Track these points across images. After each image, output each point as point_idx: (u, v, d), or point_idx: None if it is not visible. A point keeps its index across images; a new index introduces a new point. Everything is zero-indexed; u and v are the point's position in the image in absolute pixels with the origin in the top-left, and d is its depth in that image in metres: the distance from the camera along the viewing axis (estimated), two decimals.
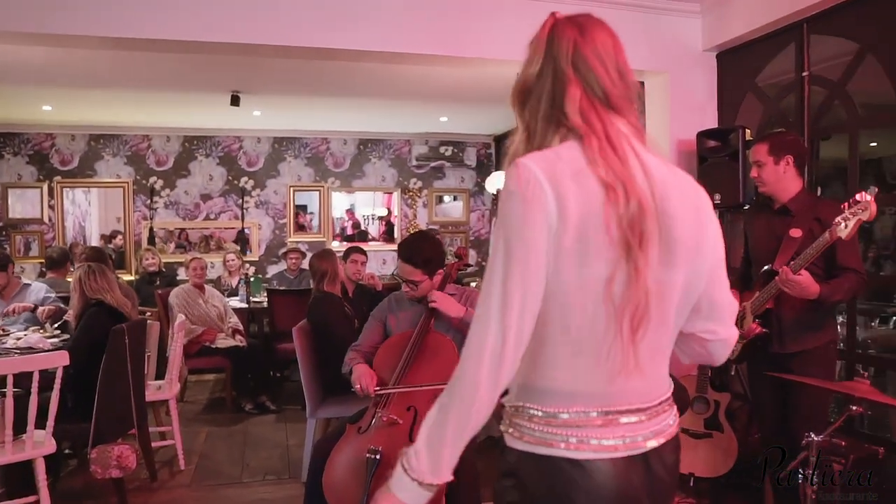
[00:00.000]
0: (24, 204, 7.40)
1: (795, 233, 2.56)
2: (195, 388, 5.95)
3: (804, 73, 3.46)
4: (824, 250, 2.40)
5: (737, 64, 3.96)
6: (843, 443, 2.46)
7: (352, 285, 4.76)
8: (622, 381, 1.11)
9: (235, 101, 5.69)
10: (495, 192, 5.00)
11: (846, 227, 2.28)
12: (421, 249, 2.82)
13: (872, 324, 4.43)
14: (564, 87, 1.15)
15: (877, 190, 2.25)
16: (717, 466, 3.19)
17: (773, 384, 2.64)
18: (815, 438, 1.96)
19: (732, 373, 3.30)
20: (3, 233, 7.34)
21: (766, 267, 2.65)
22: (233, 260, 6.79)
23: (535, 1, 3.72)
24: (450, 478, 1.09)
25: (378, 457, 2.41)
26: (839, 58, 3.29)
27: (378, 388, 2.65)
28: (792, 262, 2.48)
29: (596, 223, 1.06)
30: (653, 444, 1.15)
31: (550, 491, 1.11)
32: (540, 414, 1.12)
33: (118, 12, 3.33)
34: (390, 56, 3.84)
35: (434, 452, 1.08)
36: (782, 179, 2.65)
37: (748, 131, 3.67)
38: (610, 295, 1.07)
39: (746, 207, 3.54)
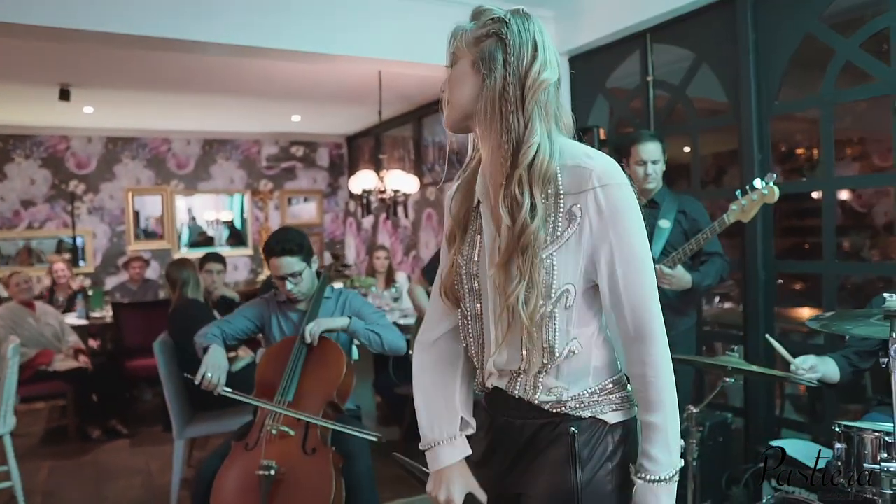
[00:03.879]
0: None
1: (664, 223, 2.79)
2: (25, 418, 5.27)
3: (648, 78, 3.78)
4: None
5: (588, 68, 4.24)
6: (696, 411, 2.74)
7: (213, 296, 4.48)
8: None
9: (65, 95, 5.11)
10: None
11: (746, 210, 2.50)
12: (291, 237, 2.74)
13: (715, 301, 4.96)
14: None
15: (776, 176, 2.51)
16: None
17: None
18: (695, 410, 2.15)
19: None
20: None
21: None
22: (61, 271, 6.10)
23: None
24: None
25: (273, 472, 2.30)
26: (679, 63, 3.63)
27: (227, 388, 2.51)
28: (674, 254, 2.67)
29: None
30: None
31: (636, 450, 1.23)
32: (623, 383, 1.26)
33: None
34: (236, 50, 3.58)
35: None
36: (661, 176, 2.90)
37: (602, 130, 3.95)
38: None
39: None
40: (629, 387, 1.25)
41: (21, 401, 4.86)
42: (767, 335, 2.35)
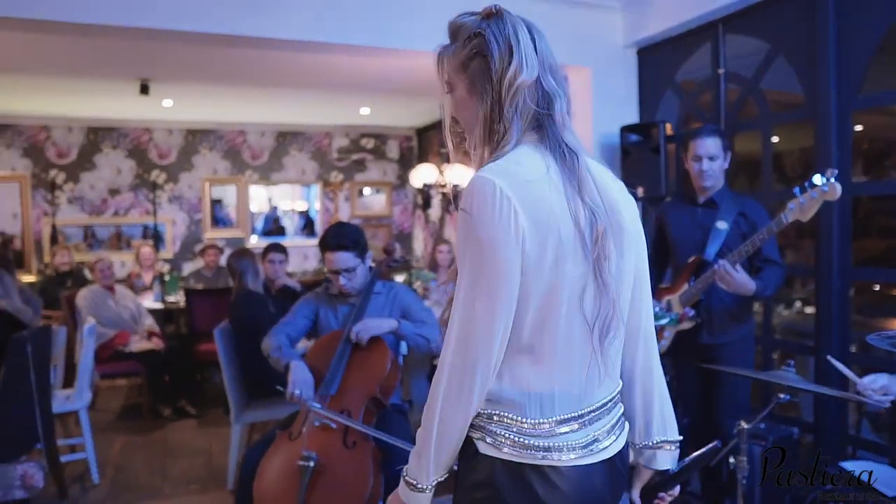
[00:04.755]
0: None
1: (722, 225, 2.64)
2: (107, 394, 5.61)
3: (720, 71, 3.59)
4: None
5: (656, 60, 4.07)
6: (763, 426, 2.59)
7: (275, 284, 4.60)
8: (594, 388, 1.15)
9: (145, 89, 5.36)
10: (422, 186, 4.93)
11: (805, 209, 2.30)
12: (346, 232, 2.77)
13: (777, 309, 4.69)
14: None
15: (837, 171, 2.32)
16: None
17: (700, 374, 2.72)
18: (746, 427, 2.03)
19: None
20: None
21: (694, 257, 2.71)
22: (148, 255, 6.43)
23: None
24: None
25: (312, 463, 2.33)
26: (752, 56, 3.43)
27: (317, 403, 2.41)
28: (729, 256, 2.52)
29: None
30: (617, 444, 1.19)
31: (528, 500, 1.10)
32: (517, 421, 1.12)
33: None
34: (307, 46, 3.68)
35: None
36: (722, 174, 2.74)
37: (668, 126, 3.79)
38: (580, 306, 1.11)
39: (668, 199, 3.66)
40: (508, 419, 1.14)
41: (102, 378, 5.17)
42: (829, 357, 2.17)
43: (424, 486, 1.15)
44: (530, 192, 1.08)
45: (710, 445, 1.35)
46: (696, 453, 1.34)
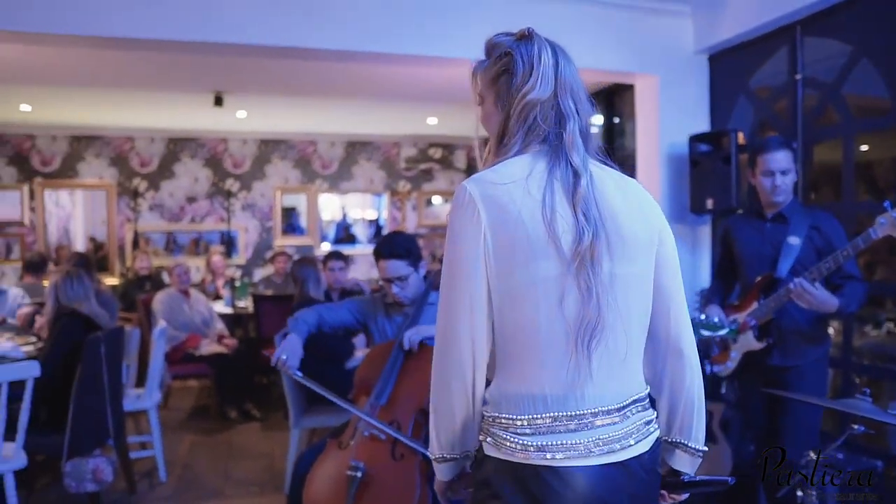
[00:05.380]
0: (4, 206, 7.23)
1: (794, 240, 2.49)
2: (179, 394, 5.83)
3: (797, 76, 3.40)
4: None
5: (729, 66, 3.90)
6: (841, 456, 2.41)
7: (336, 292, 4.66)
8: (583, 390, 1.16)
9: (219, 101, 5.58)
10: None
11: None
12: (399, 241, 2.78)
13: (865, 329, 4.37)
14: None
15: None
16: None
17: (766, 398, 2.56)
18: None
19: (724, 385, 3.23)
20: None
21: (763, 274, 2.56)
22: (218, 262, 6.67)
23: (521, 1, 3.67)
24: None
25: (360, 474, 2.32)
26: (833, 60, 3.23)
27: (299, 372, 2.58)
28: (807, 273, 2.37)
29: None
30: (633, 450, 1.17)
31: (527, 500, 1.13)
32: (513, 422, 1.16)
33: (97, 11, 3.23)
34: (375, 57, 3.76)
35: None
36: (793, 187, 2.61)
37: (741, 135, 3.61)
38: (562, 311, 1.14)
39: (740, 212, 3.48)
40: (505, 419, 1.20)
41: (174, 378, 5.38)
42: None
43: (434, 455, 1.27)
44: (496, 193, 1.15)
45: (720, 478, 1.34)
46: (704, 476, 1.34)
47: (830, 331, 3.06)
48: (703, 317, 2.64)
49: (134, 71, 5.01)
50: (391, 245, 2.74)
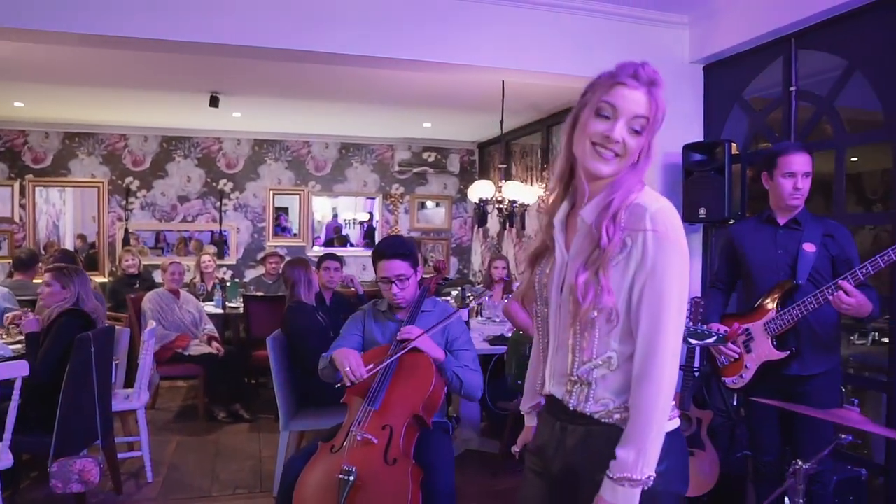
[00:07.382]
0: None
1: (810, 247, 2.46)
2: (167, 394, 5.80)
3: (791, 88, 3.43)
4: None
5: (724, 77, 3.93)
6: (827, 465, 2.41)
7: (329, 293, 4.66)
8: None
9: (214, 101, 5.57)
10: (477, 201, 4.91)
11: None
12: (402, 242, 2.79)
13: (851, 338, 4.40)
14: None
15: None
16: (699, 485, 3.13)
17: (778, 410, 2.51)
18: (803, 466, 1.89)
19: (706, 391, 3.22)
20: None
21: (783, 281, 2.51)
22: (208, 262, 6.62)
23: (517, 8, 3.68)
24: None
25: (351, 478, 2.31)
26: (827, 73, 3.26)
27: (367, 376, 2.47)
28: (847, 276, 2.29)
29: None
30: None
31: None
32: None
33: (94, 10, 3.21)
34: (370, 60, 3.74)
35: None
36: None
37: (734, 145, 3.64)
38: None
39: (732, 223, 3.50)
40: None
41: (162, 378, 5.34)
42: None
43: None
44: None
45: None
46: None
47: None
48: (702, 327, 2.57)
49: (131, 70, 4.99)
50: (394, 245, 2.76)
